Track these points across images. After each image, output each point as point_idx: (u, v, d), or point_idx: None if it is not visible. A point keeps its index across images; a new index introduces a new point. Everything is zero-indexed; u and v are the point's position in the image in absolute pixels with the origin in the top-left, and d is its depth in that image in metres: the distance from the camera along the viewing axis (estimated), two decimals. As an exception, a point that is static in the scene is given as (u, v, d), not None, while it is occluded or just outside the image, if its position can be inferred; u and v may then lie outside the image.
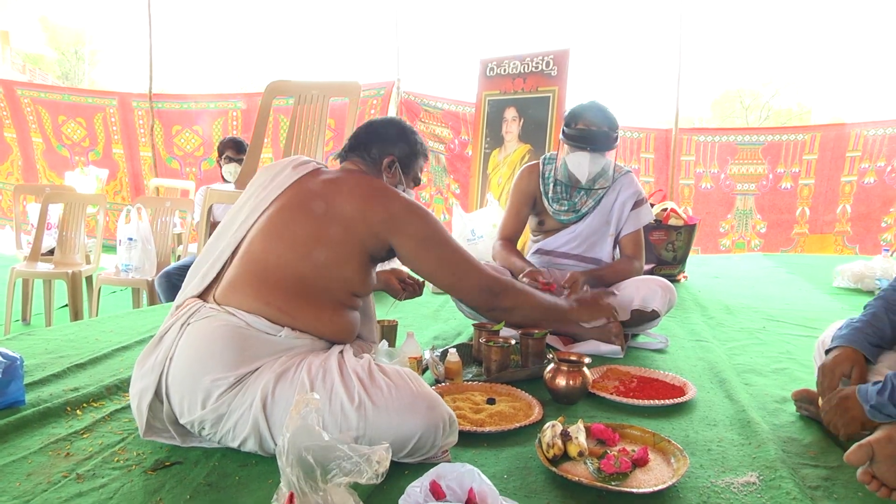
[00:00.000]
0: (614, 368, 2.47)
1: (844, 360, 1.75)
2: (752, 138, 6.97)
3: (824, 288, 4.46)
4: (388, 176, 2.03)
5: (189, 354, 1.66)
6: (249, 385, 1.63)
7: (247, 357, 1.65)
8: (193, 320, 1.71)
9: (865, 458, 1.43)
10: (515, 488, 1.57)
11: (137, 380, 1.73)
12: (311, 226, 1.80)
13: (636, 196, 2.99)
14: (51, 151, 8.34)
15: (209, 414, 1.63)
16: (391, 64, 7.21)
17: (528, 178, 3.06)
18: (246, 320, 1.69)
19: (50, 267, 4.33)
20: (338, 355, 1.72)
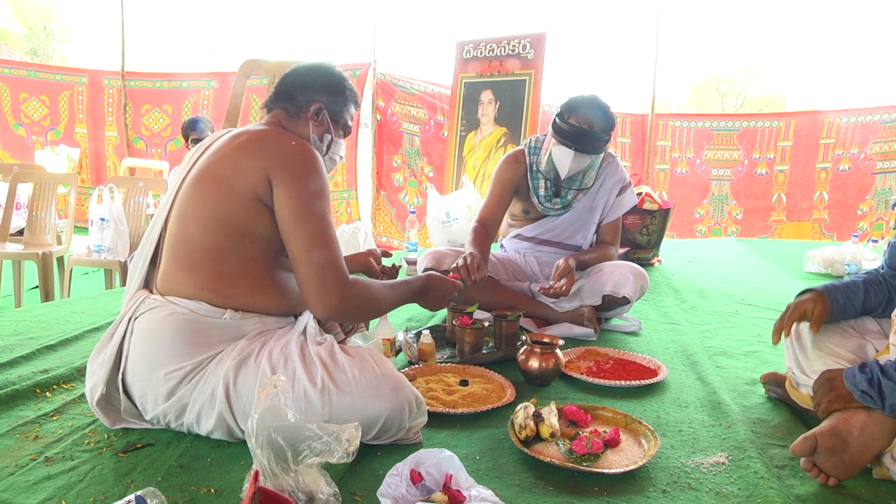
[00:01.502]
0: (591, 350, 2.49)
1: (809, 299, 1.81)
2: (728, 124, 7.02)
3: (795, 272, 4.52)
4: (314, 125, 1.88)
5: (141, 350, 1.64)
6: (209, 373, 1.61)
7: (198, 345, 1.63)
8: (140, 313, 1.68)
9: (809, 450, 1.53)
10: (488, 469, 1.58)
11: (90, 376, 1.72)
12: (207, 192, 1.69)
13: (622, 182, 2.96)
14: (6, 130, 8.12)
15: (171, 406, 1.62)
16: (367, 45, 7.15)
17: (513, 166, 2.94)
18: (189, 308, 1.65)
19: (19, 247, 4.25)
20: (300, 337, 1.69)
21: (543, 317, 2.83)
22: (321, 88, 1.88)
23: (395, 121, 7.15)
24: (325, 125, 1.90)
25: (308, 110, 1.87)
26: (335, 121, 1.93)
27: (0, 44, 25.94)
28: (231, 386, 1.58)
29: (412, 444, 1.67)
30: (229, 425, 1.61)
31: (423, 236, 5.78)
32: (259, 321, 1.72)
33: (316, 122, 1.89)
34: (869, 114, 6.48)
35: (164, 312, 1.64)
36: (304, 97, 1.86)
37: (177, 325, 1.63)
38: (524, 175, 2.94)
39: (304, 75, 1.90)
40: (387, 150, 7.25)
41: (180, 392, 1.61)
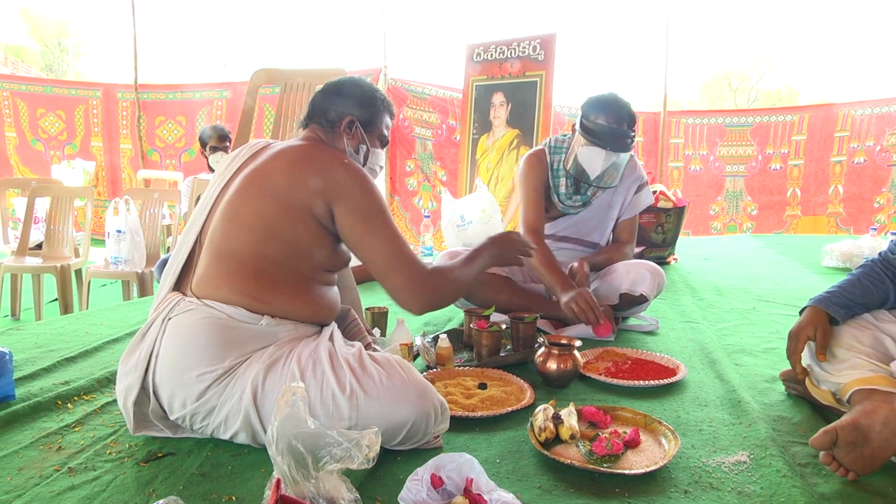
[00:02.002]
0: (609, 350, 2.48)
1: (808, 323, 1.79)
2: (741, 120, 6.97)
3: (813, 268, 4.48)
4: (348, 138, 1.93)
5: (173, 350, 1.65)
6: (238, 376, 1.62)
7: (232, 348, 1.64)
8: (174, 315, 1.69)
9: (829, 443, 1.51)
10: (508, 472, 1.57)
11: (122, 377, 1.72)
12: (261, 205, 1.73)
13: (639, 180, 2.96)
14: (25, 146, 8.23)
15: (200, 407, 1.63)
16: (378, 50, 7.18)
17: (539, 167, 2.92)
18: (226, 312, 1.66)
19: (38, 261, 4.30)
20: (328, 343, 1.71)
21: (560, 318, 2.82)
22: (351, 102, 1.93)
23: (408, 125, 7.16)
24: (358, 137, 1.94)
25: (341, 124, 1.91)
26: (369, 132, 1.97)
27: (17, 61, 26.28)
28: (259, 389, 1.60)
29: (432, 449, 1.67)
30: (254, 428, 1.61)
31: (438, 240, 5.78)
32: (293, 328, 1.74)
33: (349, 134, 1.93)
34: (885, 105, 6.41)
35: (199, 315, 1.66)
36: (336, 112, 1.91)
37: (212, 328, 1.64)
38: (547, 173, 2.94)
39: (334, 90, 1.95)
40: (400, 155, 7.27)
41: (210, 394, 1.62)
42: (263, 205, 1.73)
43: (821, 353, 1.77)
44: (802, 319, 1.82)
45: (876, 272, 1.83)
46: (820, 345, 1.77)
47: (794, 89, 30.48)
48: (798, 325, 1.81)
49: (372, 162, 1.99)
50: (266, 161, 1.79)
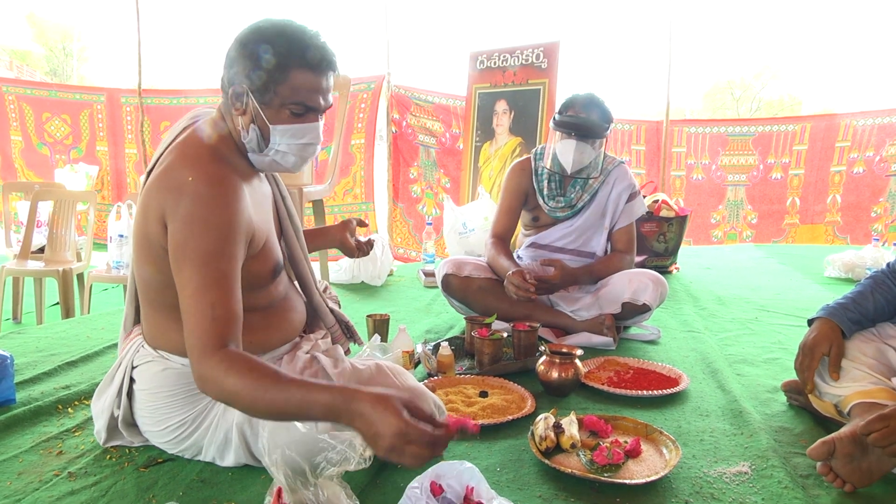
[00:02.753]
0: (611, 359, 2.48)
1: (823, 339, 1.76)
2: (743, 129, 6.97)
3: (815, 278, 4.47)
4: (238, 114, 1.50)
5: (145, 404, 1.62)
6: (218, 415, 1.58)
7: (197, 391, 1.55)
8: (137, 364, 1.63)
9: (827, 454, 1.51)
10: (508, 481, 1.57)
11: (96, 417, 1.71)
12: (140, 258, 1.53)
13: (631, 189, 2.97)
14: (30, 150, 8.24)
15: (187, 450, 1.63)
16: (381, 57, 7.17)
17: (519, 174, 3.02)
18: (179, 362, 1.58)
19: (40, 265, 4.30)
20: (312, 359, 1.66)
21: (562, 326, 2.82)
22: (240, 62, 1.45)
23: (411, 133, 7.17)
24: (250, 114, 1.49)
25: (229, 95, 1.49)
26: (267, 105, 1.47)
27: (22, 65, 26.34)
28: (247, 429, 1.55)
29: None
30: (248, 463, 1.60)
31: (440, 247, 5.78)
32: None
33: (240, 110, 1.49)
34: (886, 116, 6.41)
35: (158, 367, 1.61)
36: (227, 77, 1.49)
37: (171, 379, 1.59)
38: (530, 180, 2.99)
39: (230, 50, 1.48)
40: (403, 162, 7.27)
41: (193, 437, 1.61)
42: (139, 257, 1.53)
43: (833, 371, 1.74)
44: (817, 334, 1.78)
45: (887, 286, 1.81)
46: (833, 362, 1.74)
47: (797, 99, 30.52)
48: (812, 340, 1.78)
49: (279, 143, 1.51)
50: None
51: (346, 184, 7.22)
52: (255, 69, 1.43)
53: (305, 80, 1.46)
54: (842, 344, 1.76)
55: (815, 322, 1.82)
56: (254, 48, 1.42)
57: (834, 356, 1.75)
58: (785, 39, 39.50)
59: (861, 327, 1.79)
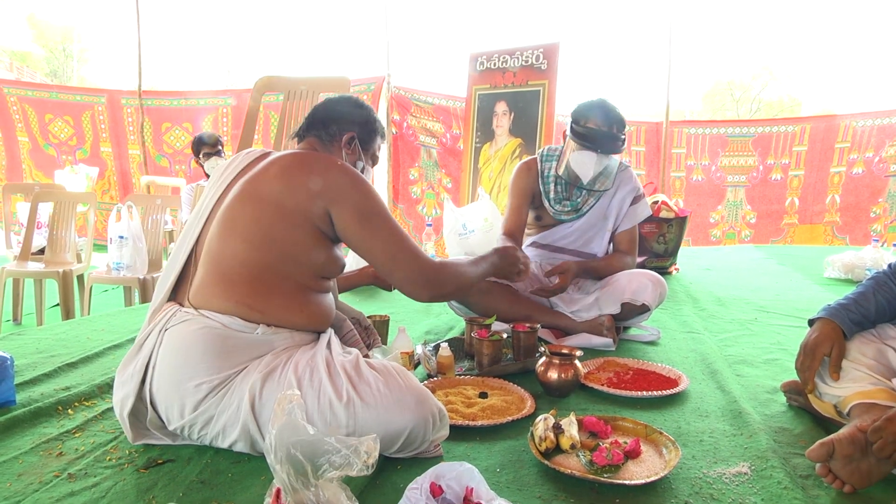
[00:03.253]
0: (611, 360, 2.48)
1: (825, 339, 1.76)
2: (743, 130, 6.99)
3: (815, 278, 4.48)
4: (347, 153, 1.98)
5: (170, 361, 1.65)
6: (236, 386, 1.62)
7: (228, 358, 1.64)
8: (171, 325, 1.68)
9: (825, 456, 1.50)
10: (508, 482, 1.57)
11: (119, 387, 1.72)
12: (257, 212, 1.74)
13: (635, 192, 2.98)
14: (37, 150, 8.28)
15: (198, 417, 1.63)
16: (381, 59, 7.19)
17: (526, 175, 3.02)
18: (221, 322, 1.66)
19: (41, 266, 4.30)
20: (325, 351, 1.71)
21: (562, 327, 2.83)
22: (353, 119, 1.99)
23: (412, 134, 7.18)
24: (357, 153, 2.00)
25: (341, 139, 1.96)
26: (365, 150, 2.02)
27: (22, 66, 26.37)
28: (257, 398, 1.59)
29: (432, 457, 1.67)
30: (252, 437, 1.61)
31: (440, 248, 5.79)
32: (289, 336, 1.75)
33: (349, 150, 1.98)
34: (886, 117, 6.42)
35: (195, 326, 1.66)
36: (338, 126, 1.96)
37: (208, 338, 1.64)
38: (536, 181, 3.00)
39: (337, 106, 2.00)
40: (403, 163, 7.28)
41: (207, 404, 1.62)
42: (260, 211, 1.74)
43: (834, 371, 1.74)
44: (818, 335, 1.77)
45: (889, 287, 1.81)
46: (834, 363, 1.74)
47: (797, 100, 30.54)
48: (814, 341, 1.77)
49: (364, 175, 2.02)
50: (262, 168, 1.81)
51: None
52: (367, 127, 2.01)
53: (380, 144, 2.10)
54: (843, 344, 1.76)
55: (817, 322, 1.82)
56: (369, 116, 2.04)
57: (835, 357, 1.74)
58: (785, 40, 39.54)
59: (862, 328, 1.79)
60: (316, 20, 46.25)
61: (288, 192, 1.74)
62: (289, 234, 1.73)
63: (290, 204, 1.73)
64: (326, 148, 1.95)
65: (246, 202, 1.76)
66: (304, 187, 1.74)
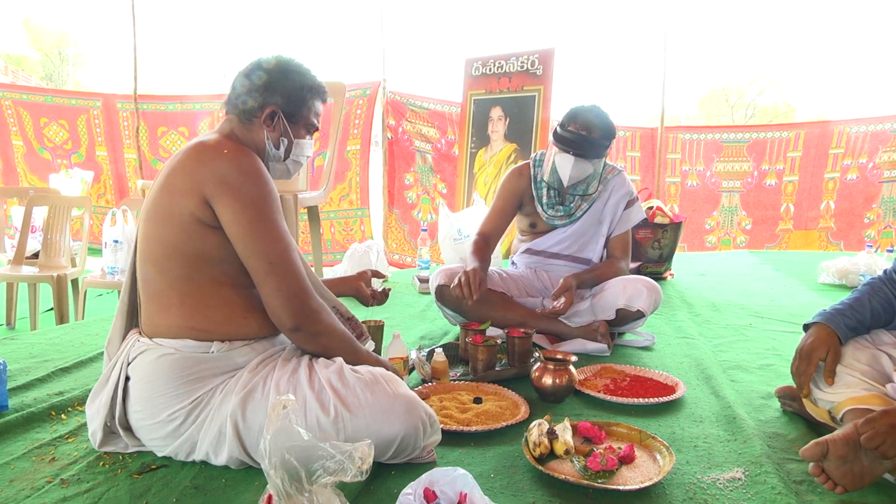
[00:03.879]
0: (608, 367, 2.48)
1: (821, 344, 1.76)
2: (738, 136, 7.00)
3: (809, 284, 4.48)
4: (268, 131, 1.77)
5: (140, 395, 1.64)
6: (214, 409, 1.60)
7: (192, 382, 1.61)
8: (132, 357, 1.67)
9: (820, 455, 1.50)
10: (502, 487, 1.57)
11: (90, 420, 1.73)
12: (155, 228, 1.65)
13: (629, 196, 2.98)
14: (32, 154, 8.25)
15: (181, 446, 1.63)
16: (377, 64, 7.18)
17: (517, 179, 3.02)
18: (175, 347, 1.63)
19: (35, 270, 4.29)
20: (306, 365, 1.67)
21: (556, 333, 2.83)
22: (274, 90, 1.75)
23: (407, 139, 7.18)
24: (280, 129, 1.79)
25: (261, 116, 1.75)
26: (294, 123, 1.81)
27: (17, 70, 26.32)
28: (240, 422, 1.57)
29: (426, 463, 1.67)
30: (242, 459, 1.60)
31: (435, 253, 5.79)
32: (249, 349, 1.70)
33: (270, 127, 1.78)
34: (879, 123, 6.45)
35: (153, 356, 1.63)
36: (256, 101, 1.74)
37: (167, 366, 1.61)
38: (528, 186, 3.00)
39: (255, 76, 1.76)
40: (399, 168, 7.28)
41: (187, 432, 1.61)
42: (154, 228, 1.66)
43: (829, 376, 1.74)
44: (814, 340, 1.78)
45: (884, 293, 1.81)
46: (829, 368, 1.74)
47: (791, 105, 30.65)
48: (810, 345, 1.77)
49: (296, 154, 1.86)
50: (158, 178, 1.71)
51: (342, 190, 7.23)
52: (293, 97, 1.77)
53: (318, 107, 1.86)
54: (838, 349, 1.76)
55: (812, 327, 1.82)
56: (285, 79, 1.76)
57: (830, 361, 1.75)
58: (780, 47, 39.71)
59: (857, 333, 1.79)
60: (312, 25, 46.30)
61: (171, 196, 1.63)
62: (182, 240, 1.62)
63: (173, 207, 1.62)
64: (246, 127, 1.77)
65: (146, 220, 1.69)
66: (183, 185, 1.61)
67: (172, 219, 1.62)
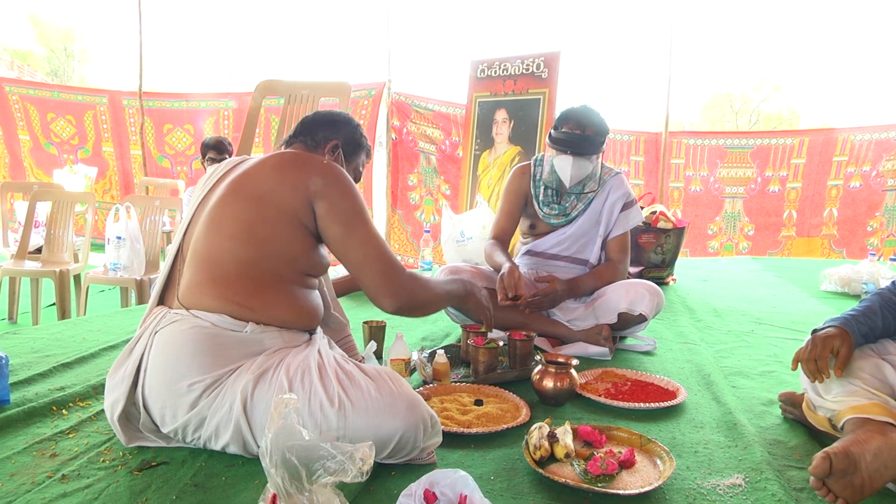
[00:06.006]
0: (609, 371, 2.48)
1: (837, 335, 1.75)
2: (742, 142, 7.00)
3: (812, 291, 4.48)
4: (330, 159, 1.98)
5: (162, 362, 1.65)
6: (228, 387, 1.62)
7: (219, 358, 1.65)
8: (161, 327, 1.69)
9: (828, 471, 1.49)
10: (502, 489, 1.57)
11: (110, 391, 1.73)
12: (245, 210, 1.76)
13: (626, 197, 2.98)
14: (38, 149, 8.28)
15: (192, 419, 1.63)
16: (382, 64, 7.20)
17: (519, 178, 3.05)
18: (210, 321, 1.67)
19: (37, 265, 4.30)
20: (317, 354, 1.71)
21: (558, 336, 2.83)
22: (339, 129, 2.04)
23: (412, 140, 7.18)
24: (340, 162, 2.02)
25: (325, 146, 2.01)
26: (348, 162, 2.07)
27: (23, 65, 26.37)
28: (248, 399, 1.59)
29: (426, 464, 1.67)
30: (245, 439, 1.61)
31: (438, 254, 5.79)
32: (279, 335, 1.75)
33: (332, 157, 2.00)
34: (884, 131, 6.44)
35: (186, 325, 1.67)
36: (324, 134, 2.01)
37: (198, 338, 1.65)
38: (529, 185, 3.03)
39: (325, 116, 2.06)
40: (402, 169, 7.28)
41: (200, 405, 1.62)
42: (245, 209, 1.76)
43: (840, 368, 1.73)
44: (829, 330, 1.77)
45: (894, 303, 1.81)
46: (841, 362, 1.73)
47: (796, 112, 30.63)
48: (826, 333, 1.77)
49: None
50: (249, 167, 1.85)
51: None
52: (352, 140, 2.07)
53: (364, 161, 2.15)
54: (851, 348, 1.74)
55: (827, 328, 1.81)
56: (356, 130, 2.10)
57: (843, 355, 1.73)
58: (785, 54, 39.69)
59: (867, 341, 1.79)
60: (318, 25, 46.34)
61: (274, 190, 1.77)
62: (273, 231, 1.75)
63: (275, 201, 1.76)
64: (311, 152, 1.97)
65: (231, 201, 1.79)
66: (289, 183, 1.77)
67: (269, 208, 1.75)
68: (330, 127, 2.03)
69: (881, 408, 1.63)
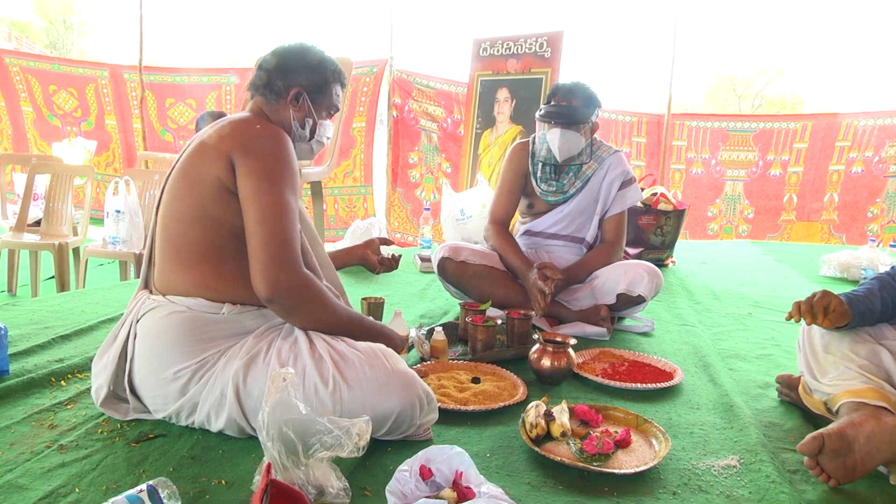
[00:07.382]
0: (606, 351, 2.48)
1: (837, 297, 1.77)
2: (744, 125, 6.97)
3: (811, 276, 4.48)
4: (294, 111, 1.85)
5: (145, 351, 1.65)
6: (218, 372, 1.61)
7: (201, 342, 1.63)
8: (141, 314, 1.69)
9: (816, 450, 1.52)
10: (498, 467, 1.58)
11: (95, 377, 1.74)
12: (185, 190, 1.69)
13: (624, 175, 2.96)
14: (41, 121, 8.24)
15: (184, 405, 1.64)
16: (384, 42, 7.14)
17: (519, 155, 3.03)
18: (187, 305, 1.66)
19: (36, 238, 4.29)
20: (305, 336, 1.68)
21: (556, 315, 2.83)
22: (299, 71, 1.84)
23: (413, 117, 7.15)
24: (305, 110, 1.87)
25: (287, 95, 1.84)
26: (317, 104, 1.89)
27: (21, 36, 26.16)
28: (241, 386, 1.58)
29: (423, 441, 1.67)
30: (239, 424, 1.61)
31: (437, 232, 5.78)
32: (259, 314, 1.72)
33: (296, 107, 1.86)
34: (888, 117, 6.41)
35: (163, 312, 1.66)
36: (283, 82, 1.83)
37: (177, 323, 1.64)
38: (527, 162, 3.02)
39: (281, 60, 1.85)
40: (403, 147, 7.25)
41: (191, 391, 1.62)
42: (184, 189, 1.71)
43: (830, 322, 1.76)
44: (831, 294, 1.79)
45: (893, 287, 1.81)
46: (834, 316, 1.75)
47: (799, 97, 30.48)
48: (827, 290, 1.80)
49: (319, 134, 1.94)
50: (192, 144, 1.77)
51: (347, 166, 7.22)
52: (317, 79, 1.86)
53: (338, 90, 1.94)
54: (847, 313, 1.75)
55: None
56: (318, 64, 1.86)
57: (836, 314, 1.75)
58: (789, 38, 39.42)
59: (865, 321, 1.79)
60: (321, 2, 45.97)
61: (202, 161, 1.68)
62: (208, 204, 1.67)
63: (204, 172, 1.67)
64: (273, 107, 1.84)
65: (175, 181, 1.74)
66: (215, 151, 1.67)
67: (200, 181, 1.67)
68: (288, 74, 1.83)
69: (876, 392, 1.63)
